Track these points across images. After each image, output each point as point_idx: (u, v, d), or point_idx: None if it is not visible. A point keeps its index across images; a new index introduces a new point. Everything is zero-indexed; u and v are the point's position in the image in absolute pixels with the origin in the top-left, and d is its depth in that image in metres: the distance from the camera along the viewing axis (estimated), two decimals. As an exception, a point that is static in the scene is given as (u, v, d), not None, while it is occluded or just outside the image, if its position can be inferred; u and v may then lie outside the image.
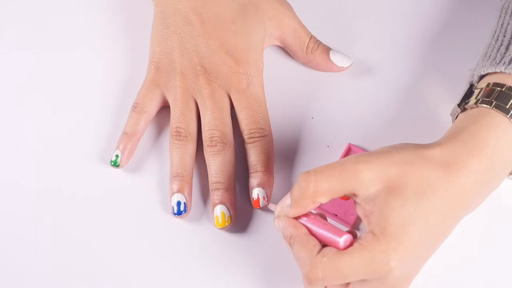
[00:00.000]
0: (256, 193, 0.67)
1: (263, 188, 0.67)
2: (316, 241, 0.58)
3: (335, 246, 0.58)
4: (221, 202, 0.66)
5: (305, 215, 0.60)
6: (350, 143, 0.69)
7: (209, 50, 0.69)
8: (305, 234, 0.59)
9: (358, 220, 0.67)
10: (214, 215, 0.67)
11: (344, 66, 0.71)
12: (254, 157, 0.68)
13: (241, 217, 0.68)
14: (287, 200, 0.60)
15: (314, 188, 0.58)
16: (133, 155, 0.70)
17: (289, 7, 0.72)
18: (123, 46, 0.74)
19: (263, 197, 0.67)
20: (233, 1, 0.70)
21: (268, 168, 0.68)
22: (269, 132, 0.69)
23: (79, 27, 0.75)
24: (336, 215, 0.67)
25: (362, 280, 0.57)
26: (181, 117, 0.68)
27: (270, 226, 0.67)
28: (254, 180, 0.67)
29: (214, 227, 0.67)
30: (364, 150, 0.69)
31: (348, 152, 0.69)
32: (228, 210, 0.66)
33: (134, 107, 0.70)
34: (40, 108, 0.72)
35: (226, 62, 0.68)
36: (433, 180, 0.56)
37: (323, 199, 0.58)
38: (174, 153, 0.68)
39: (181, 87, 0.69)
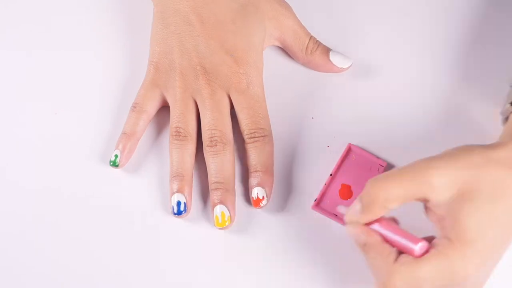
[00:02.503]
0: (256, 192, 0.67)
1: (263, 188, 0.67)
2: (391, 249, 0.57)
3: (410, 253, 0.57)
4: (221, 202, 0.66)
5: (377, 220, 0.59)
6: (350, 143, 0.69)
7: (209, 50, 0.69)
8: (379, 242, 0.58)
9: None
10: (214, 215, 0.67)
11: (344, 67, 0.71)
12: (254, 157, 0.68)
13: (241, 217, 0.68)
14: (357, 206, 0.59)
15: (385, 194, 0.57)
16: (132, 155, 0.70)
17: (288, 7, 0.72)
18: (123, 46, 0.74)
19: (263, 196, 0.67)
20: (233, 1, 0.70)
21: (268, 168, 0.68)
22: (269, 132, 0.69)
23: (79, 27, 0.75)
24: (336, 215, 0.67)
25: (436, 286, 0.56)
26: (181, 117, 0.68)
27: (270, 226, 0.67)
28: (254, 180, 0.67)
29: (214, 227, 0.67)
30: (364, 150, 0.69)
31: (348, 152, 0.69)
32: (228, 210, 0.66)
33: (134, 107, 0.70)
34: (40, 108, 0.72)
35: (226, 62, 0.68)
36: (504, 182, 0.56)
37: (394, 205, 0.57)
38: (174, 153, 0.68)
39: (180, 87, 0.69)
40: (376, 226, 0.59)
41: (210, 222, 0.68)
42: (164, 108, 0.71)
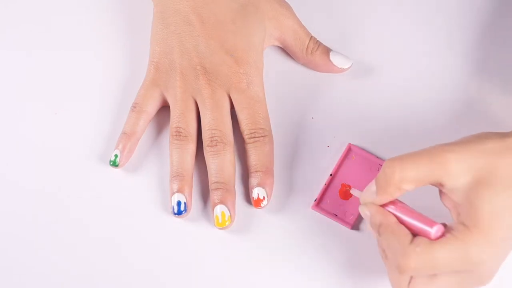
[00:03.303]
0: (256, 192, 0.67)
1: (263, 188, 0.67)
2: (407, 230, 0.58)
3: (426, 235, 0.57)
4: (221, 202, 0.66)
5: (392, 202, 0.59)
6: (350, 143, 0.69)
7: (209, 50, 0.69)
8: (395, 223, 0.58)
9: (358, 220, 0.67)
10: (214, 215, 0.67)
11: (344, 67, 0.71)
12: (254, 157, 0.68)
13: (241, 217, 0.68)
14: (372, 187, 0.59)
15: (400, 174, 0.57)
16: (132, 155, 0.70)
17: (288, 7, 0.72)
18: (123, 46, 0.74)
19: (264, 196, 0.67)
20: (233, 1, 0.70)
21: (268, 168, 0.68)
22: (269, 132, 0.69)
23: (79, 27, 0.75)
24: (336, 215, 0.67)
25: (451, 272, 0.57)
26: (181, 117, 0.68)
27: (270, 226, 0.67)
28: (254, 180, 0.67)
29: (214, 227, 0.67)
30: (364, 150, 0.69)
31: (348, 152, 0.69)
32: (228, 210, 0.66)
33: (134, 106, 0.70)
34: (40, 108, 0.72)
35: (226, 62, 0.68)
36: None
37: (409, 187, 0.58)
38: (174, 153, 0.68)
39: (181, 87, 0.69)
40: (391, 208, 0.59)
41: (210, 222, 0.68)
42: (164, 108, 0.71)
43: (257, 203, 0.67)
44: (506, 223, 0.56)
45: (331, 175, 0.68)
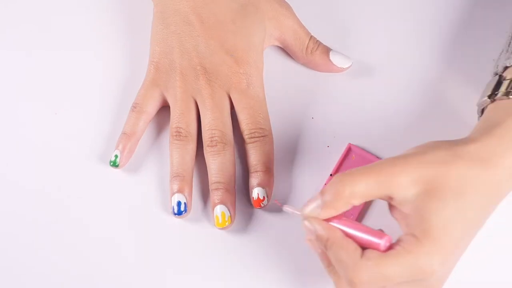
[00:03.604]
0: (256, 192, 0.67)
1: (263, 188, 0.67)
2: (355, 244, 0.57)
3: (375, 247, 0.56)
4: (221, 202, 0.66)
5: (336, 217, 0.59)
6: (350, 143, 0.69)
7: (209, 50, 0.69)
8: (342, 237, 0.57)
9: (357, 221, 0.67)
10: (214, 215, 0.67)
11: (344, 67, 0.71)
12: (254, 157, 0.68)
13: (241, 217, 0.68)
14: (316, 201, 0.58)
15: (350, 190, 0.57)
16: (132, 155, 0.70)
17: (288, 7, 0.72)
18: (123, 46, 0.74)
19: (264, 196, 0.67)
20: (233, 1, 0.70)
21: (268, 168, 0.68)
22: (269, 132, 0.69)
23: (79, 27, 0.75)
24: (336, 215, 0.67)
25: (401, 282, 0.56)
26: (181, 117, 0.68)
27: (270, 226, 0.67)
28: (254, 180, 0.67)
29: (214, 227, 0.67)
30: (364, 150, 0.69)
31: (348, 152, 0.69)
32: (228, 210, 0.66)
33: (134, 107, 0.70)
34: (40, 108, 0.72)
35: (226, 62, 0.68)
36: (470, 178, 0.56)
37: (357, 202, 0.57)
38: (174, 153, 0.68)
39: (181, 87, 0.69)
40: (335, 222, 0.58)
41: (210, 222, 0.68)
42: (164, 108, 0.71)
43: (257, 203, 0.67)
44: (457, 232, 0.56)
45: (331, 175, 0.68)
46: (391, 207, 0.59)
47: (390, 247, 0.56)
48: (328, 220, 0.59)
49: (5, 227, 0.68)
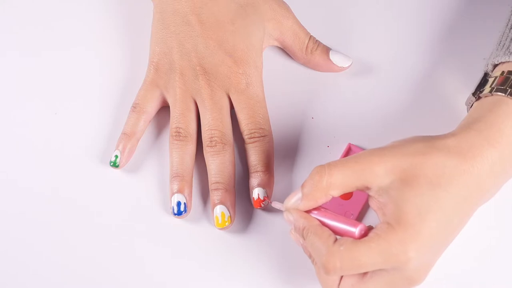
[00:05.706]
0: (257, 193, 0.67)
1: (263, 188, 0.67)
2: (330, 231, 0.58)
3: (350, 236, 0.58)
4: (221, 202, 0.66)
5: (315, 208, 0.60)
6: (350, 143, 0.69)
7: (208, 50, 0.69)
8: (318, 225, 0.59)
9: (358, 220, 0.67)
10: (214, 215, 0.67)
11: (344, 66, 0.71)
12: (254, 157, 0.68)
13: (241, 217, 0.68)
14: (297, 194, 0.60)
15: (328, 180, 0.58)
16: (132, 155, 0.70)
17: (287, 8, 0.72)
18: (123, 46, 0.74)
19: (264, 196, 0.67)
20: (232, 2, 0.70)
21: (268, 168, 0.68)
22: (269, 132, 0.69)
23: (79, 27, 0.75)
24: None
25: (380, 270, 0.57)
26: (180, 117, 0.68)
27: (270, 226, 0.67)
28: (254, 180, 0.67)
29: (214, 227, 0.67)
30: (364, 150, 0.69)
31: (348, 152, 0.69)
32: (228, 210, 0.66)
33: (134, 107, 0.70)
34: (40, 108, 0.72)
35: (226, 62, 0.68)
36: (447, 168, 0.56)
37: (336, 192, 0.59)
38: (174, 153, 0.68)
39: (180, 87, 0.69)
40: (314, 214, 0.60)
41: (210, 222, 0.68)
42: (164, 108, 0.71)
43: (258, 203, 0.67)
44: (432, 220, 0.56)
45: (331, 175, 0.68)
46: (369, 198, 0.59)
47: (365, 235, 0.57)
48: (308, 212, 0.60)
49: (5, 227, 0.68)
